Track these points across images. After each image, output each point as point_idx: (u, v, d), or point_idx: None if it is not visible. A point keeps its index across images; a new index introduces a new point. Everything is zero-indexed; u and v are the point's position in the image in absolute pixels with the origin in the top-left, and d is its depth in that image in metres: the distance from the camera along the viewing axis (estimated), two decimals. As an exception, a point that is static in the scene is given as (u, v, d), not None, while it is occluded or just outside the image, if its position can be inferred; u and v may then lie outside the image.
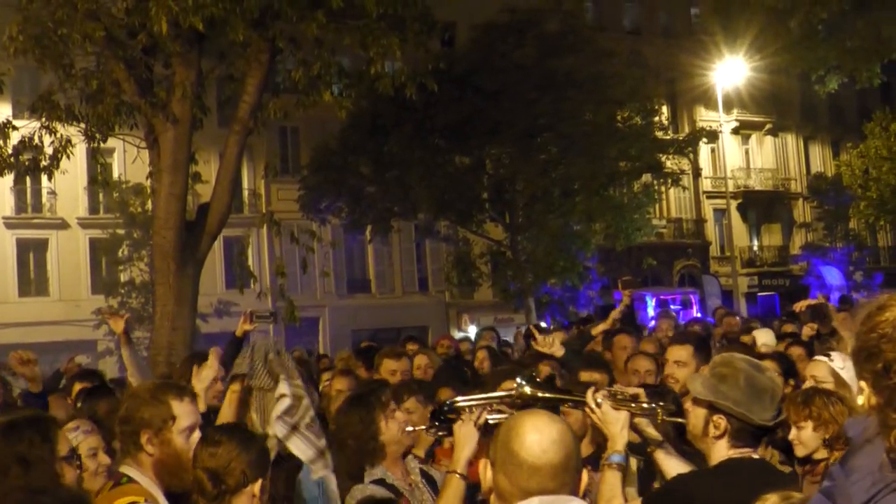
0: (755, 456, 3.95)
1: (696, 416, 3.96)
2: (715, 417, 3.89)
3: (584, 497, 2.80)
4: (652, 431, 4.21)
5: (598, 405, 4.04)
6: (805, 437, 4.84)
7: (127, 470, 3.97)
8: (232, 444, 3.80)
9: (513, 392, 4.43)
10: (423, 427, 4.57)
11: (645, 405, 4.14)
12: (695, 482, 3.96)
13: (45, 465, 3.43)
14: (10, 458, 3.34)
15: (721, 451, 3.91)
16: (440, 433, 4.51)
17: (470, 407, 4.32)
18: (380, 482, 4.53)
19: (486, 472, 2.79)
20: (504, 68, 28.96)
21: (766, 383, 3.90)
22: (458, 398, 4.46)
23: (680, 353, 6.43)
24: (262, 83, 13.20)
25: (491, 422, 4.25)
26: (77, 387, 8.39)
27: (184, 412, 4.02)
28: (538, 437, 2.69)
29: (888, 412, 2.40)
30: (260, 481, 3.78)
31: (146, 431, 3.95)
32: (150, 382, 4.94)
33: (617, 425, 4.00)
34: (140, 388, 4.36)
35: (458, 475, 4.16)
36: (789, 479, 4.18)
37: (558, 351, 7.58)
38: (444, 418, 4.41)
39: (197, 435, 4.04)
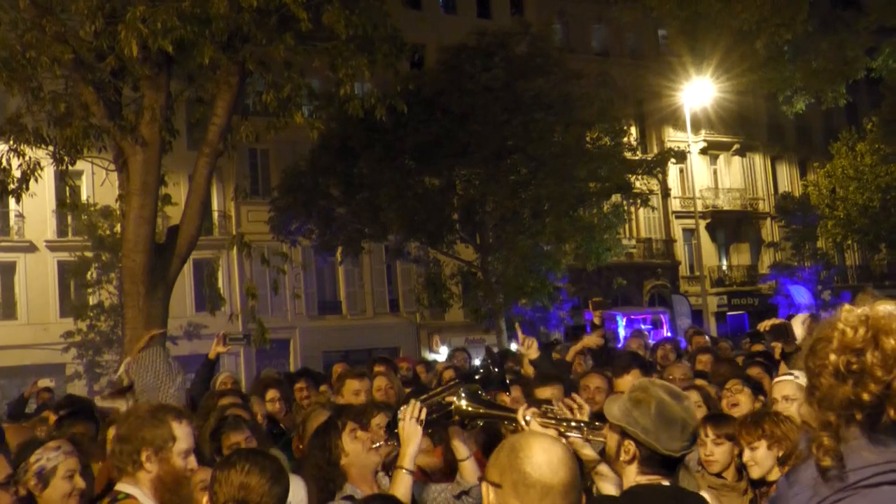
0: (665, 483, 3.86)
1: (611, 439, 3.93)
2: (626, 442, 3.84)
3: None
4: (588, 452, 4.24)
5: (527, 423, 4.09)
6: (759, 457, 4.89)
7: (123, 487, 4.02)
8: (264, 478, 3.82)
9: (451, 385, 4.63)
10: (383, 442, 4.77)
11: (573, 424, 4.18)
12: None
13: None
14: None
15: (631, 476, 3.87)
16: (395, 442, 4.65)
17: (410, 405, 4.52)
18: (349, 499, 4.67)
19: (487, 495, 2.78)
20: (473, 90, 29.09)
21: (679, 413, 3.82)
22: (403, 407, 4.63)
23: (631, 382, 6.53)
24: (232, 105, 13.22)
25: (434, 416, 4.46)
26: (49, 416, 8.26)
27: (183, 434, 4.09)
28: (548, 456, 2.70)
29: (815, 431, 2.49)
30: None
31: (146, 449, 4.01)
32: (147, 403, 4.98)
33: None
34: (139, 408, 4.40)
35: (404, 470, 4.38)
36: None
37: (533, 353, 7.75)
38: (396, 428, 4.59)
39: (193, 459, 4.12)
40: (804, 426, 2.58)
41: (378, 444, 4.81)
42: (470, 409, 4.37)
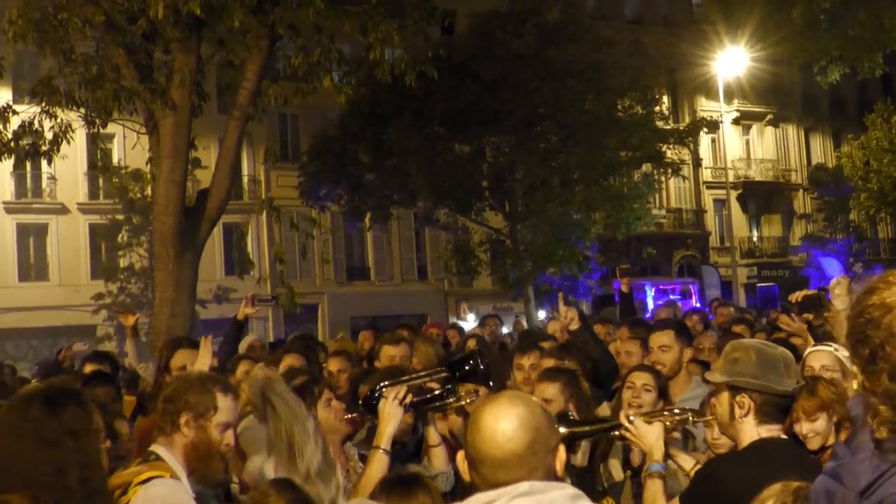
0: (783, 436, 4.07)
1: (721, 404, 4.09)
2: (738, 398, 4.00)
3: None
4: (685, 463, 4.51)
5: (631, 422, 4.27)
6: (820, 427, 4.84)
7: (157, 449, 4.07)
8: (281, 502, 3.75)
9: (433, 371, 4.78)
10: (355, 414, 4.83)
11: (677, 411, 4.46)
12: (725, 465, 4.11)
13: (92, 436, 3.42)
14: (59, 432, 3.31)
15: (750, 430, 4.01)
16: (368, 416, 4.74)
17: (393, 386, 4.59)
18: None
19: (463, 465, 2.74)
20: (504, 57, 28.91)
21: (777, 354, 4.04)
22: (385, 383, 4.70)
23: (662, 339, 6.65)
24: (262, 69, 13.21)
25: (415, 400, 4.57)
26: (88, 367, 8.44)
27: (225, 407, 4.11)
28: (498, 425, 2.62)
29: (873, 399, 2.43)
30: None
31: (187, 414, 4.04)
32: (200, 371, 5.03)
33: (651, 437, 4.23)
34: (191, 374, 4.43)
35: (381, 450, 4.43)
36: (816, 460, 4.28)
37: (574, 325, 7.72)
38: (374, 404, 4.64)
39: (231, 434, 4.14)
40: (862, 393, 2.50)
41: (349, 416, 4.84)
42: (575, 431, 4.44)
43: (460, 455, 2.75)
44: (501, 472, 2.59)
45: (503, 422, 2.62)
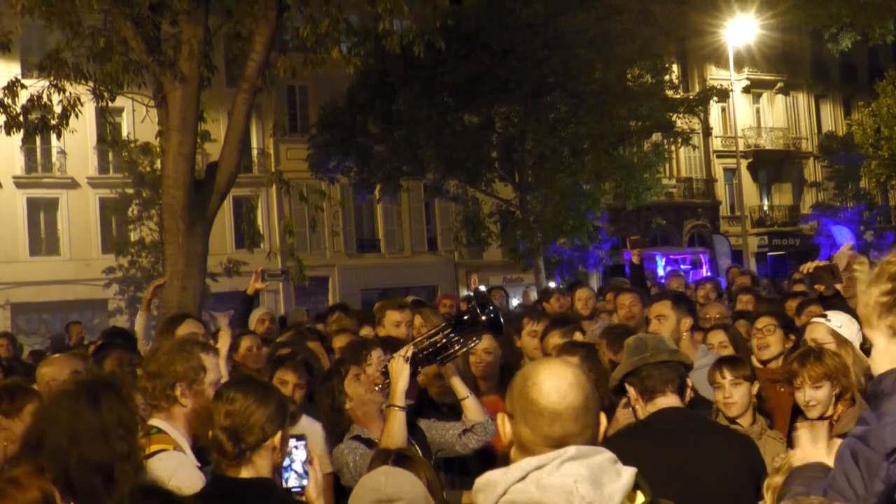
0: (677, 405, 4.33)
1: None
2: (627, 389, 4.41)
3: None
4: None
5: None
6: (822, 396, 4.85)
7: (156, 422, 4.08)
8: (248, 399, 3.69)
9: (441, 328, 5.03)
10: (380, 384, 4.97)
11: None
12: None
13: (130, 434, 3.38)
14: (89, 427, 3.29)
15: (642, 414, 4.36)
16: (388, 381, 4.91)
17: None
18: (356, 438, 4.93)
19: (504, 426, 2.75)
20: (512, 26, 28.76)
21: (643, 337, 4.53)
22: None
23: (659, 309, 6.71)
24: (270, 41, 13.11)
25: (422, 355, 4.88)
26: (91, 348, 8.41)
27: (211, 365, 4.16)
28: (555, 382, 2.65)
29: None
30: (280, 433, 3.71)
31: (181, 384, 4.04)
32: (174, 339, 4.98)
33: None
34: (166, 344, 4.37)
35: (396, 408, 4.69)
36: (711, 427, 4.64)
37: None
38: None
39: None
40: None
41: (379, 386, 4.99)
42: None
43: (500, 416, 2.77)
44: (558, 426, 2.62)
45: (560, 378, 2.68)
